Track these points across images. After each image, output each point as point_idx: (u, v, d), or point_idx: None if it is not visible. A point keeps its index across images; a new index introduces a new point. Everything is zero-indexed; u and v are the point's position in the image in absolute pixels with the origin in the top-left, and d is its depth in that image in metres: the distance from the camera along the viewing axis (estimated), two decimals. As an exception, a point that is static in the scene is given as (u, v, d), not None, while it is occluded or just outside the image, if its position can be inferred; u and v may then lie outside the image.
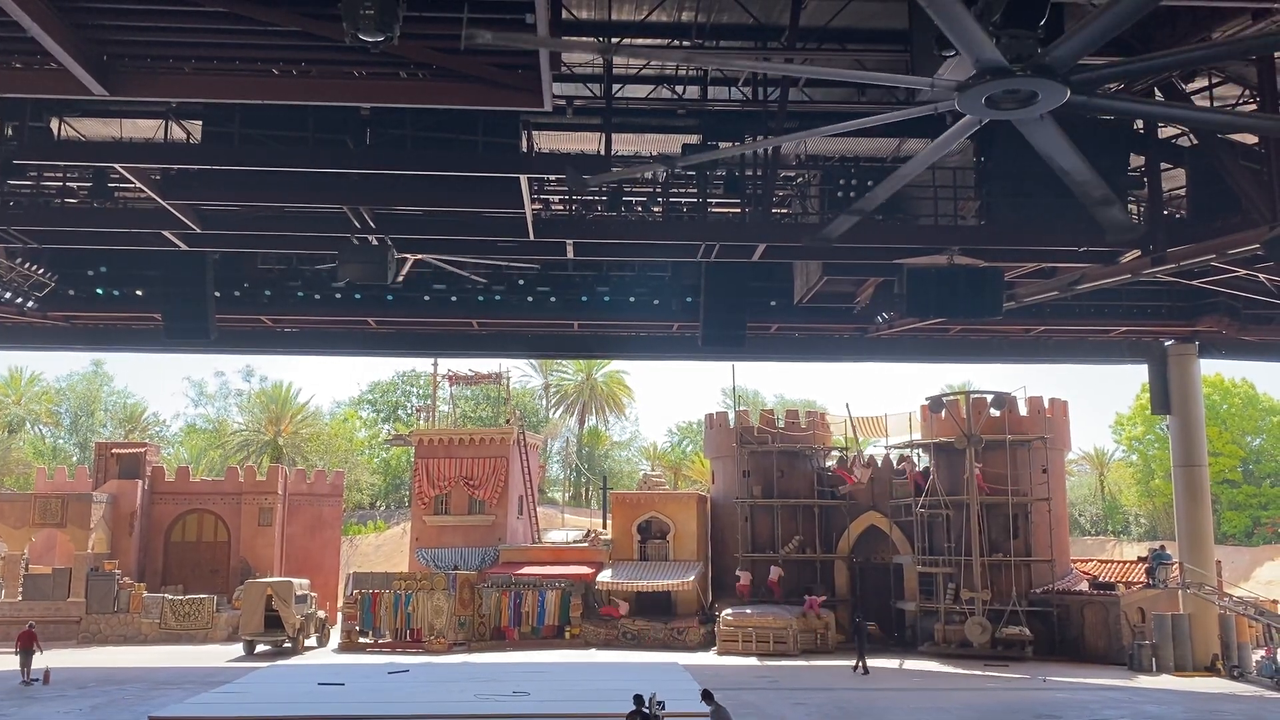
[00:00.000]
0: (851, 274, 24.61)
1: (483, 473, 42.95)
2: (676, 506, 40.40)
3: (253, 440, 68.25)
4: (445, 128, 18.26)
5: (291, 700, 24.34)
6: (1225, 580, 34.40)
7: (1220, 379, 63.87)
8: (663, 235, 22.84)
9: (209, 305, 25.09)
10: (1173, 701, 25.12)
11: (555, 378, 76.41)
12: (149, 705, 23.53)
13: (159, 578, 42.86)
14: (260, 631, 34.32)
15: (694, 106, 19.98)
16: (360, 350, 32.92)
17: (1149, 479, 63.70)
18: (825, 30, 17.28)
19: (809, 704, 24.15)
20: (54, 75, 14.19)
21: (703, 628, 36.80)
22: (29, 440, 70.90)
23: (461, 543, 41.92)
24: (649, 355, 34.98)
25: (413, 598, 36.01)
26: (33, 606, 37.33)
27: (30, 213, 21.90)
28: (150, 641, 37.01)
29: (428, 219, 22.12)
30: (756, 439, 39.71)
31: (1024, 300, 25.34)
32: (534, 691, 25.48)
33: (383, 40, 11.04)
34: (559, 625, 37.27)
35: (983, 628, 32.96)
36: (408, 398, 77.21)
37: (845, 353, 33.29)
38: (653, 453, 77.68)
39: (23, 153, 18.72)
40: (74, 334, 30.67)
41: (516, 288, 27.88)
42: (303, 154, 18.11)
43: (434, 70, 14.60)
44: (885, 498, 38.75)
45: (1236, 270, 23.05)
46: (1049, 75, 8.07)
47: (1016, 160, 19.03)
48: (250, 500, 45.00)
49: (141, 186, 19.31)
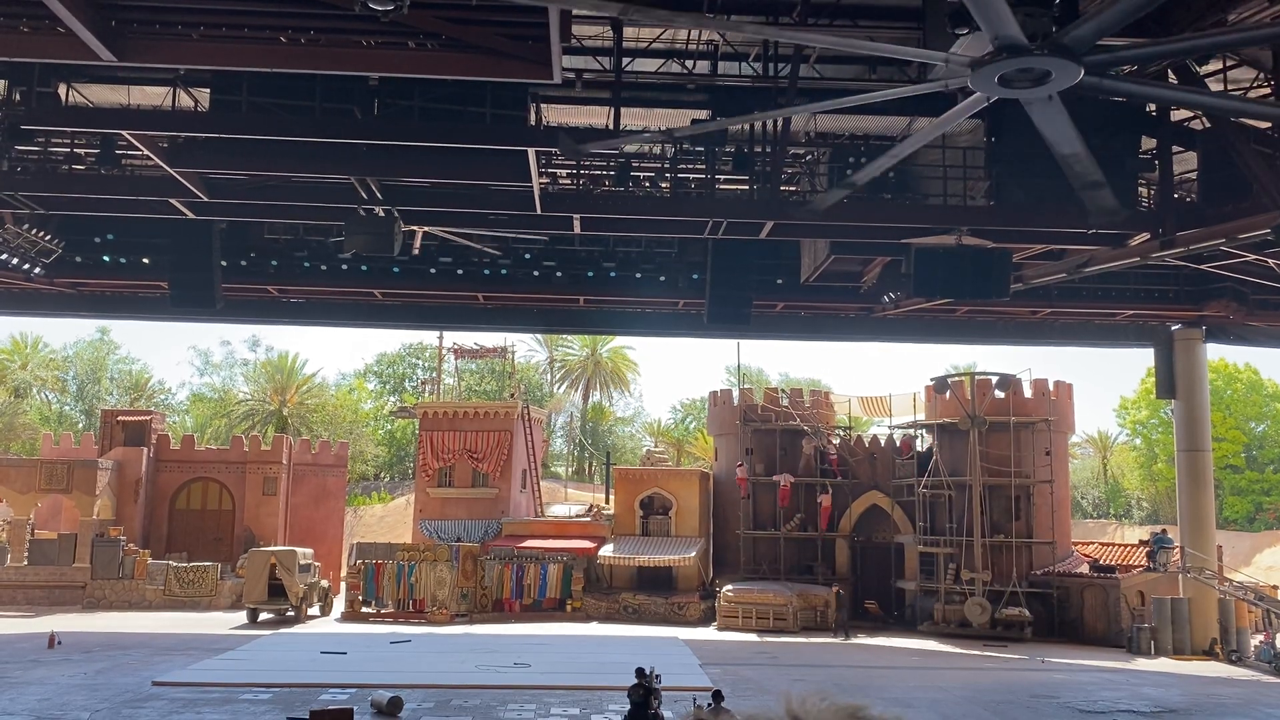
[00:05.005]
0: (859, 253, 24.54)
1: (487, 446, 43.06)
2: (679, 483, 40.51)
3: (258, 410, 68.42)
4: (453, 100, 18.18)
5: (294, 668, 24.53)
6: (1226, 565, 34.49)
7: (1225, 364, 63.70)
8: (670, 211, 22.76)
9: (215, 274, 25.10)
10: (1170, 684, 25.23)
11: (560, 352, 76.41)
12: (153, 670, 23.73)
13: (163, 545, 43.12)
14: (264, 600, 34.55)
15: (704, 82, 19.86)
16: (366, 322, 32.92)
17: (1152, 463, 63.69)
18: (837, 6, 17.15)
19: (808, 680, 24.28)
20: (62, 40, 14.15)
21: (703, 603, 36.99)
22: (35, 406, 71.13)
23: (465, 515, 42.10)
24: (654, 331, 34.98)
25: (416, 569, 36.22)
26: (38, 571, 37.64)
27: (38, 178, 21.87)
28: (154, 608, 37.27)
29: (435, 191, 22.07)
30: (760, 417, 39.75)
31: (1031, 282, 25.26)
32: (535, 663, 25.65)
33: (392, 9, 11.01)
34: (560, 598, 37.48)
35: (982, 608, 33.09)
36: (414, 370, 77.28)
37: (851, 332, 33.28)
38: (656, 429, 77.76)
39: (30, 118, 18.70)
40: (80, 301, 30.71)
41: (523, 262, 27.84)
42: (310, 123, 18.06)
43: (443, 40, 14.53)
44: (887, 477, 38.82)
45: (1245, 255, 22.97)
46: (1066, 55, 7.99)
47: (1027, 141, 18.84)
48: (255, 469, 45.19)
49: (149, 154, 19.29)
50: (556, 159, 22.80)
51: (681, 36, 19.23)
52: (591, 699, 21.01)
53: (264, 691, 21.39)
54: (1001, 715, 20.63)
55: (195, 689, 21.64)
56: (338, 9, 13.20)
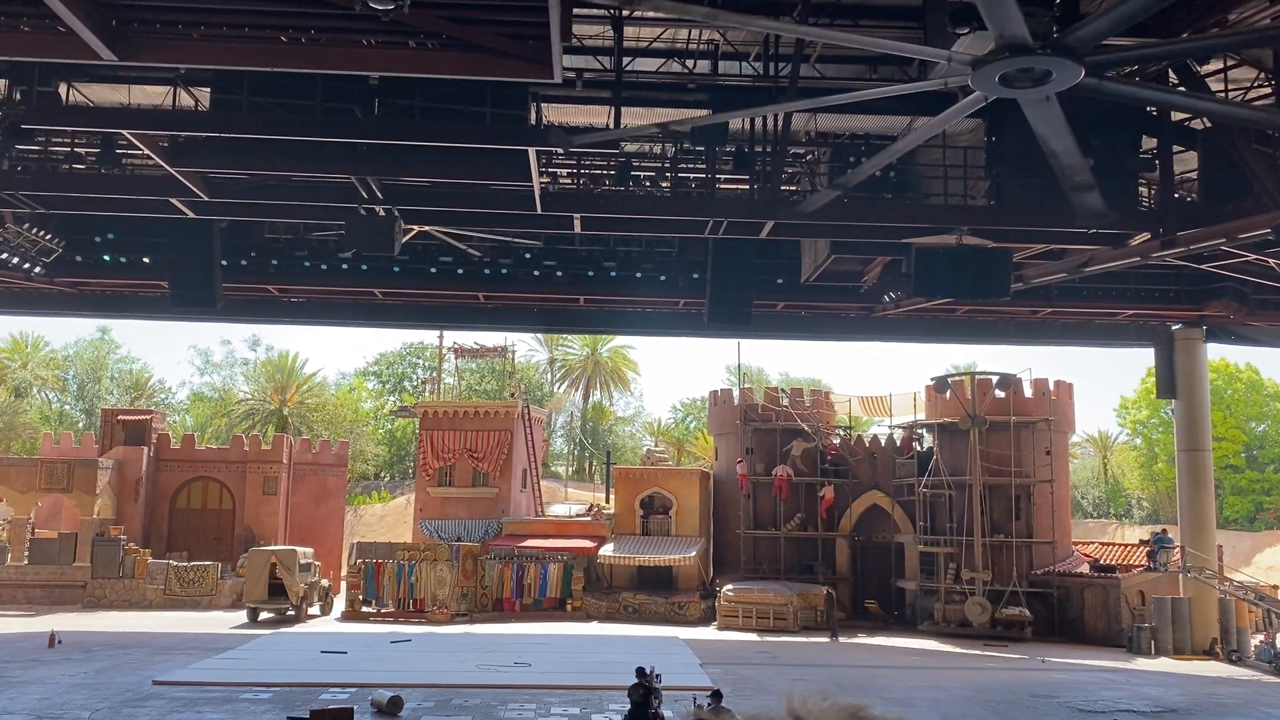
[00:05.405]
0: (859, 253, 24.54)
1: (487, 445, 43.05)
2: (679, 482, 40.51)
3: (258, 409, 68.42)
4: (454, 99, 18.18)
5: (294, 668, 24.53)
6: (1226, 565, 34.47)
7: (1225, 364, 63.67)
8: (670, 211, 22.76)
9: (216, 274, 25.10)
10: (1170, 684, 25.22)
11: (560, 352, 76.40)
12: (153, 669, 23.73)
13: (164, 544, 43.12)
14: (264, 599, 34.54)
15: (704, 81, 19.87)
16: (366, 322, 32.93)
17: (1152, 463, 63.68)
18: (838, 6, 17.15)
19: (808, 680, 24.27)
20: (63, 39, 14.14)
21: (703, 603, 36.98)
22: (35, 405, 71.12)
23: (465, 515, 42.09)
24: (655, 331, 34.99)
25: (416, 568, 36.22)
26: (38, 571, 37.64)
27: (38, 178, 21.87)
28: (155, 607, 37.27)
29: (435, 190, 22.07)
30: (760, 416, 39.74)
31: (1031, 281, 25.26)
32: (535, 663, 25.64)
33: (393, 8, 11.01)
34: (560, 598, 37.47)
35: (982, 608, 33.08)
36: (414, 370, 77.29)
37: (851, 332, 33.28)
38: (657, 428, 77.75)
39: (31, 117, 18.69)
40: (81, 300, 30.71)
41: (523, 261, 27.84)
42: (310, 123, 18.06)
43: (443, 40, 14.52)
44: (888, 477, 38.81)
45: (1246, 255, 22.96)
46: (1068, 55, 7.99)
47: (1027, 141, 18.77)
48: (255, 469, 45.20)
49: (149, 153, 19.29)
50: (557, 158, 22.80)
51: (682, 36, 19.23)
52: (592, 698, 21.00)
53: (264, 691, 21.39)
54: (1001, 715, 20.63)
55: (195, 688, 21.64)
56: (338, 8, 13.19)
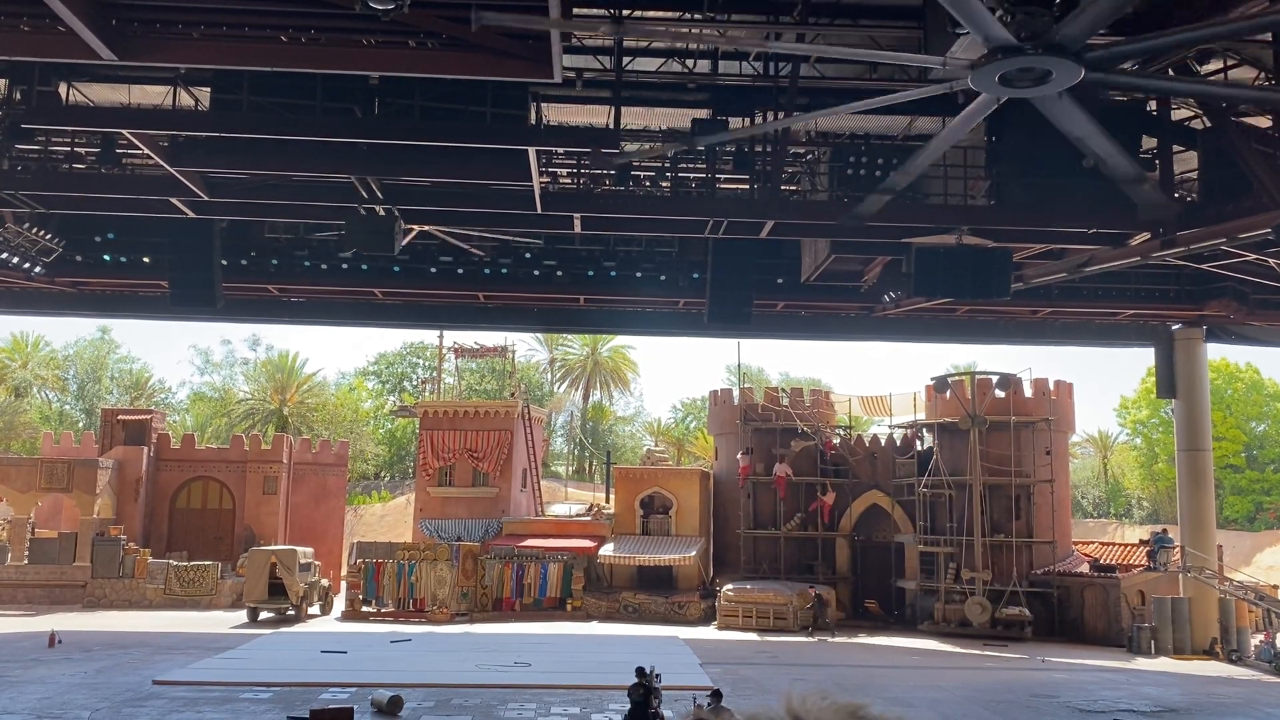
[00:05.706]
0: (859, 252, 24.52)
1: (487, 445, 43.05)
2: (679, 482, 40.51)
3: (258, 409, 68.44)
4: (454, 99, 18.17)
5: (294, 667, 24.52)
6: (1226, 565, 34.48)
7: (1225, 363, 63.68)
8: (670, 210, 22.76)
9: (216, 273, 25.10)
10: (1170, 684, 25.22)
11: (560, 352, 76.42)
12: (153, 669, 23.73)
13: (164, 544, 43.12)
14: (264, 599, 34.54)
15: (704, 80, 19.86)
16: (366, 321, 32.93)
17: (1152, 462, 63.68)
18: (838, 5, 17.14)
19: (809, 679, 24.28)
20: (62, 39, 14.15)
21: (703, 603, 36.98)
22: (35, 405, 71.12)
23: (465, 514, 42.10)
24: (655, 331, 34.98)
25: (416, 568, 36.22)
26: (38, 570, 37.64)
27: (38, 177, 21.87)
28: (155, 607, 37.26)
29: (435, 190, 22.07)
30: (760, 416, 39.74)
31: (1031, 281, 25.25)
32: (535, 662, 25.65)
33: (393, 8, 11.01)
34: (560, 598, 37.46)
35: (983, 608, 33.08)
36: (414, 369, 77.32)
37: (851, 331, 33.27)
38: (657, 428, 77.76)
39: (31, 117, 18.69)
40: (81, 300, 30.71)
41: (523, 261, 27.83)
42: (310, 122, 18.06)
43: (443, 39, 14.53)
44: (888, 476, 38.81)
45: (1246, 255, 22.95)
46: (1060, 53, 7.99)
47: (1028, 140, 18.91)
48: (255, 469, 45.20)
49: (149, 153, 19.28)
50: (557, 158, 22.79)
51: (682, 35, 19.21)
52: (592, 698, 21.01)
53: (264, 690, 21.39)
54: (1001, 715, 20.63)
55: (196, 688, 21.64)
56: (338, 8, 13.20)
